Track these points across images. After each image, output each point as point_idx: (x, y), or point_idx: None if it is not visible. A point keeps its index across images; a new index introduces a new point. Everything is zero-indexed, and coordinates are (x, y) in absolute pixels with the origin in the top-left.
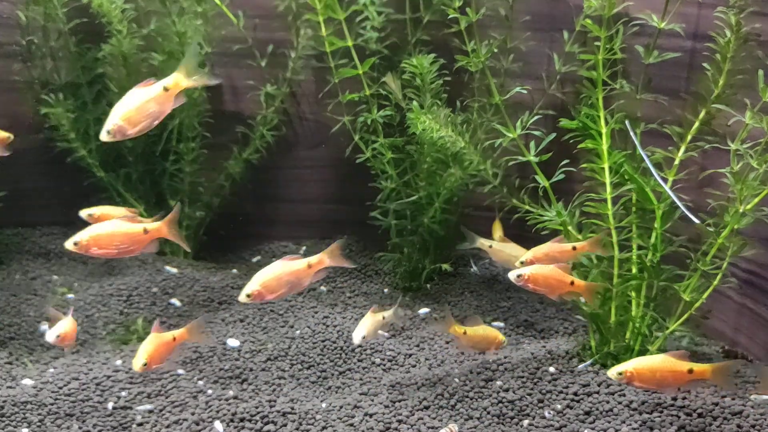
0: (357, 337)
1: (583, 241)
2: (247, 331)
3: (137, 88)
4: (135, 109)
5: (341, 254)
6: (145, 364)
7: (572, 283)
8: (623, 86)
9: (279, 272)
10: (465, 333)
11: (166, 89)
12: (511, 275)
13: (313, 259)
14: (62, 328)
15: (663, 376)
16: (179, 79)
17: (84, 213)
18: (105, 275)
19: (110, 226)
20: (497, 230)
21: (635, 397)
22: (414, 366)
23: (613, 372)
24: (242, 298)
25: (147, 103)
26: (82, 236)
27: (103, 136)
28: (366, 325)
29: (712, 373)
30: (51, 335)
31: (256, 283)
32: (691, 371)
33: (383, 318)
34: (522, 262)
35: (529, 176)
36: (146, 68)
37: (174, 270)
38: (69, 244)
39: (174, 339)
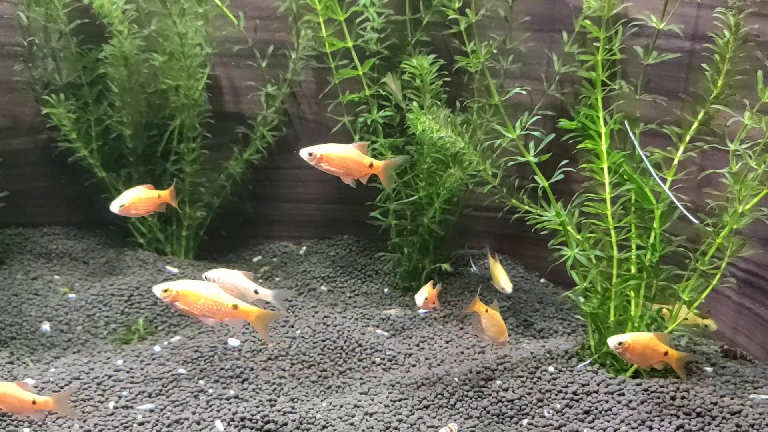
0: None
1: None
2: (248, 331)
3: None
4: None
5: None
6: None
7: (372, 165)
8: (622, 87)
9: None
10: (487, 311)
11: None
12: (303, 153)
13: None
14: None
15: (209, 310)
16: None
17: None
18: (106, 275)
19: None
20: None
21: (634, 396)
22: (414, 365)
23: None
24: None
25: None
26: None
27: None
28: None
29: (257, 317)
30: None
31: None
32: (235, 307)
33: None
34: None
35: (528, 176)
36: (147, 69)
37: (175, 270)
38: None
39: (34, 403)
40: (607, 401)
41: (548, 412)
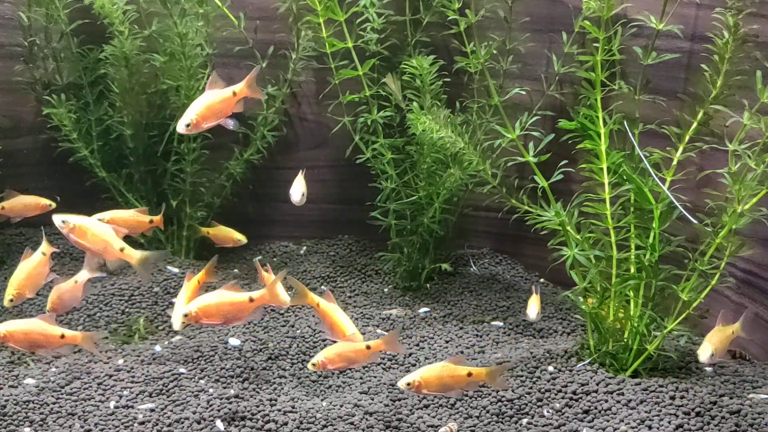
0: None
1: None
2: (249, 331)
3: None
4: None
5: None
6: None
7: (234, 93)
8: (622, 87)
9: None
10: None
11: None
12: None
13: (254, 294)
14: None
15: None
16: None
17: None
18: (107, 275)
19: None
20: None
21: (634, 395)
22: (414, 365)
23: None
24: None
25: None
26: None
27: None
28: None
29: None
30: None
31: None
32: None
33: None
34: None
35: (528, 176)
36: (148, 69)
37: (176, 270)
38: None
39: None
40: (606, 401)
41: (548, 412)
